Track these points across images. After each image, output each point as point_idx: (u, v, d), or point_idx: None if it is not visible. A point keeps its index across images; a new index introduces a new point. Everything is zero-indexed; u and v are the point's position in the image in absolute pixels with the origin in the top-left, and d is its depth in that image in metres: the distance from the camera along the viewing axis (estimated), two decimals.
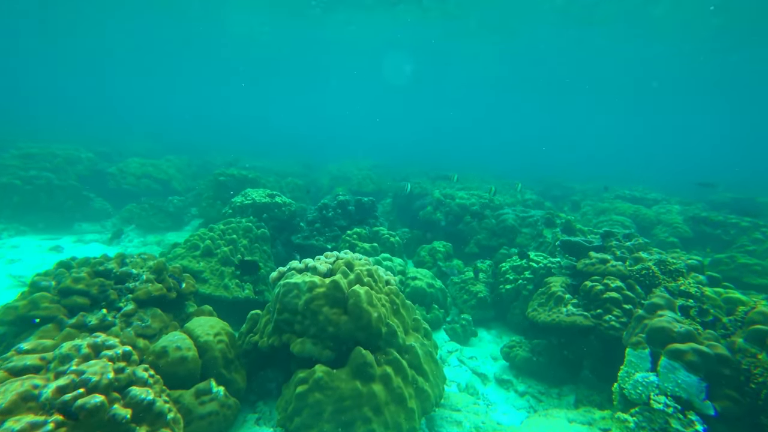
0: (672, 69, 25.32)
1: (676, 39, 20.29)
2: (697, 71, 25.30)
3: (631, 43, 21.46)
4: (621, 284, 3.75)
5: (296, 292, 3.16)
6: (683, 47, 21.37)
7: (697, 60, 23.19)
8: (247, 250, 5.29)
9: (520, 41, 23.04)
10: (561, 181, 15.69)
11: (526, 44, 23.58)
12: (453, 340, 5.19)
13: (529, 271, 5.56)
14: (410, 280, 5.48)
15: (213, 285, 4.51)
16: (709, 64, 23.72)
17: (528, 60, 26.72)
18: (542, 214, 7.66)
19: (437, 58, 28.24)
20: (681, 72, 25.84)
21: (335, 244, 6.39)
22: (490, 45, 24.15)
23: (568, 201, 11.54)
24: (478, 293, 5.86)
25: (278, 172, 14.34)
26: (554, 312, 3.99)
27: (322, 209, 6.63)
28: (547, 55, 25.32)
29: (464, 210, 8.48)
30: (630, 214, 8.51)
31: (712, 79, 26.97)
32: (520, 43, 23.56)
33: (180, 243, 4.90)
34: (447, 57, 27.63)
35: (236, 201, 6.69)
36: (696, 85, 28.91)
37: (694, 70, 25.01)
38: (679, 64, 24.19)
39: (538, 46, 23.78)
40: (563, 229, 6.41)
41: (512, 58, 26.54)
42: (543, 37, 21.74)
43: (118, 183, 9.25)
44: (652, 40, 20.70)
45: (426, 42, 24.50)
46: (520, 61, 26.92)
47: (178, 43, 29.77)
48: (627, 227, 7.88)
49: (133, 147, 15.60)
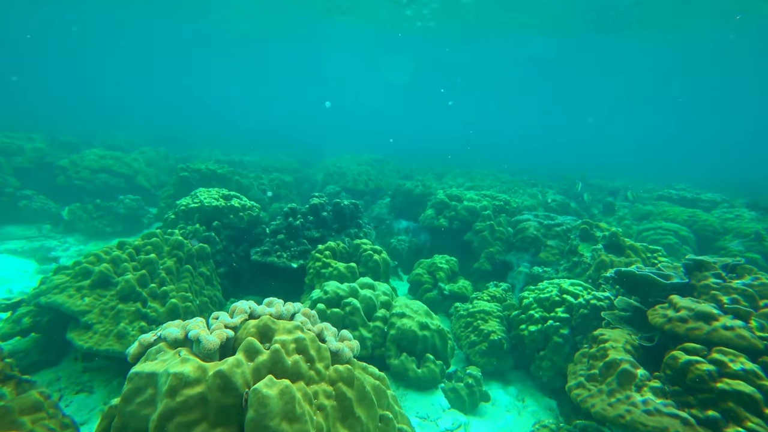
0: (696, 61, 23.12)
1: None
2: (722, 64, 23.06)
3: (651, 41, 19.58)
4: (752, 366, 2.15)
5: (150, 394, 1.68)
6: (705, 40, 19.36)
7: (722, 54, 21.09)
8: (172, 275, 3.84)
9: (535, 35, 21.33)
10: (585, 177, 13.83)
11: (541, 39, 21.84)
12: (455, 407, 3.66)
13: (564, 308, 3.97)
14: (396, 318, 3.96)
15: (100, 333, 3.07)
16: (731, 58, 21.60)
17: (541, 54, 24.82)
18: (574, 223, 6.01)
19: (447, 50, 26.47)
20: (705, 64, 23.63)
21: (303, 261, 4.90)
22: (504, 38, 22.44)
23: (598, 202, 9.79)
24: (490, 334, 4.30)
25: (267, 167, 12.92)
26: (620, 402, 2.42)
27: (289, 215, 5.14)
28: (563, 50, 23.40)
29: (473, 215, 6.88)
30: (683, 221, 6.76)
31: (738, 72, 24.66)
32: (535, 37, 21.82)
33: (67, 266, 3.47)
34: (456, 49, 25.84)
35: (181, 204, 5.25)
36: (722, 77, 26.51)
37: (719, 62, 22.80)
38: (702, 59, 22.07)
39: (553, 41, 22.03)
40: (606, 245, 4.78)
41: (527, 51, 24.67)
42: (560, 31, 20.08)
43: (69, 178, 7.94)
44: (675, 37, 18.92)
45: (434, 35, 22.88)
46: (534, 54, 25.02)
47: (175, 34, 28.64)
48: (683, 238, 6.16)
49: (112, 138, 14.40)
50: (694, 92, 33.82)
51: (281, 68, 38.80)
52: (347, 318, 3.92)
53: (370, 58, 29.92)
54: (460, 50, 24.88)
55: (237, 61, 37.69)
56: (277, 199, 10.03)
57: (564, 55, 24.76)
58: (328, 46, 28.27)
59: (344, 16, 20.21)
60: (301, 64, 36.55)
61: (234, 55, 34.90)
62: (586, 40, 20.99)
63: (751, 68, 24.08)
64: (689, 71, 26.46)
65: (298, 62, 35.82)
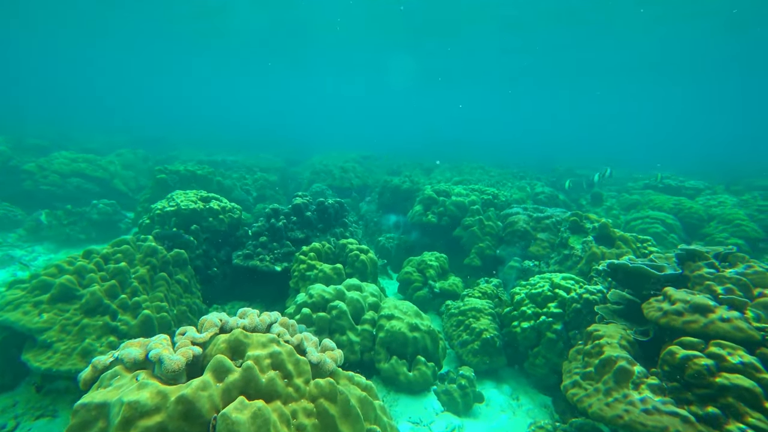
0: (680, 45, 23.44)
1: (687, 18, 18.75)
2: (708, 47, 23.44)
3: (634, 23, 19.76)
4: (750, 359, 2.07)
5: (100, 428, 1.49)
6: (693, 25, 19.67)
7: (708, 39, 21.44)
8: (145, 285, 3.60)
9: (521, 29, 21.38)
10: (572, 169, 13.92)
11: (528, 32, 21.89)
12: (448, 410, 3.54)
13: (556, 303, 3.88)
14: (385, 320, 3.81)
15: (61, 352, 2.83)
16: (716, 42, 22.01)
17: (525, 46, 24.88)
18: (563, 215, 5.95)
19: (437, 47, 26.30)
20: (688, 48, 23.98)
21: (287, 264, 4.71)
22: (492, 34, 22.44)
23: (586, 193, 9.81)
24: (482, 332, 4.19)
25: (251, 167, 12.59)
26: (618, 401, 2.32)
27: (271, 216, 4.93)
28: (547, 41, 23.47)
29: (462, 210, 6.77)
30: (670, 209, 6.77)
31: (723, 56, 25.14)
32: (520, 31, 21.87)
33: (24, 279, 3.20)
34: (448, 45, 25.71)
35: (156, 208, 4.99)
36: (703, 62, 26.96)
37: (704, 45, 23.16)
38: (689, 41, 22.38)
39: (539, 33, 22.10)
40: (597, 237, 4.72)
41: (512, 46, 24.71)
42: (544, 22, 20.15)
43: (37, 183, 7.54)
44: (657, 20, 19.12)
45: (426, 31, 22.70)
46: (519, 47, 25.07)
47: (160, 32, 27.70)
48: (670, 226, 6.16)
49: (90, 141, 13.83)
50: (677, 83, 34.42)
51: (269, 66, 37.99)
52: (334, 322, 3.76)
53: (364, 48, 29.43)
54: (453, 43, 24.69)
55: (223, 60, 36.75)
56: (262, 199, 9.75)
57: (547, 48, 24.89)
58: (318, 42, 27.78)
59: None
60: (290, 62, 35.84)
61: (220, 54, 34.02)
62: (567, 31, 21.10)
63: (731, 56, 24.57)
64: (674, 63, 26.89)
65: (286, 59, 35.14)
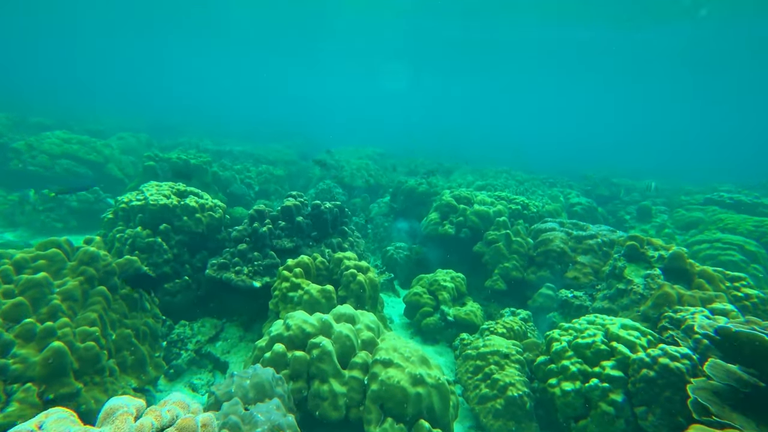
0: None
1: None
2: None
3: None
4: None
5: None
6: None
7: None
8: (73, 302, 2.80)
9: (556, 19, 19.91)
10: (608, 177, 12.53)
11: (559, 24, 20.39)
12: None
13: (614, 362, 2.85)
14: (380, 368, 2.87)
15: None
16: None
17: (561, 40, 23.27)
18: (612, 235, 4.85)
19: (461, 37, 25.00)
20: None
21: (269, 279, 3.85)
22: (530, 27, 21.03)
23: (626, 204, 8.56)
24: (508, 388, 3.20)
25: (258, 158, 11.88)
26: None
27: (255, 219, 4.07)
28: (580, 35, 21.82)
29: (485, 221, 5.74)
30: (748, 231, 5.49)
31: None
32: (554, 21, 20.37)
33: None
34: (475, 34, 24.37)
35: (122, 201, 4.23)
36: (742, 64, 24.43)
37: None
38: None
39: (570, 28, 20.55)
40: (666, 270, 3.62)
41: (540, 36, 23.14)
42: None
43: (24, 163, 7.00)
44: None
45: (446, 22, 21.52)
46: (554, 40, 23.46)
47: (182, 21, 27.61)
48: (752, 254, 4.95)
49: (98, 123, 13.47)
50: (715, 88, 31.73)
51: (290, 60, 37.60)
52: (314, 365, 2.87)
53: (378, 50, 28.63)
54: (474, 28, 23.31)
55: (245, 50, 36.54)
56: (265, 194, 8.99)
57: (584, 49, 23.23)
58: (336, 35, 27.06)
59: None
60: (311, 56, 35.31)
61: (242, 43, 33.78)
62: (605, 35, 19.44)
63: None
64: (712, 66, 24.62)
65: (307, 54, 34.61)
